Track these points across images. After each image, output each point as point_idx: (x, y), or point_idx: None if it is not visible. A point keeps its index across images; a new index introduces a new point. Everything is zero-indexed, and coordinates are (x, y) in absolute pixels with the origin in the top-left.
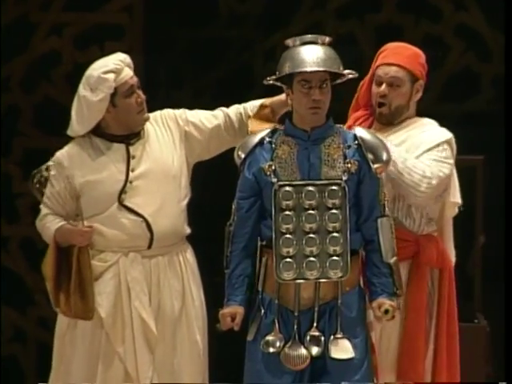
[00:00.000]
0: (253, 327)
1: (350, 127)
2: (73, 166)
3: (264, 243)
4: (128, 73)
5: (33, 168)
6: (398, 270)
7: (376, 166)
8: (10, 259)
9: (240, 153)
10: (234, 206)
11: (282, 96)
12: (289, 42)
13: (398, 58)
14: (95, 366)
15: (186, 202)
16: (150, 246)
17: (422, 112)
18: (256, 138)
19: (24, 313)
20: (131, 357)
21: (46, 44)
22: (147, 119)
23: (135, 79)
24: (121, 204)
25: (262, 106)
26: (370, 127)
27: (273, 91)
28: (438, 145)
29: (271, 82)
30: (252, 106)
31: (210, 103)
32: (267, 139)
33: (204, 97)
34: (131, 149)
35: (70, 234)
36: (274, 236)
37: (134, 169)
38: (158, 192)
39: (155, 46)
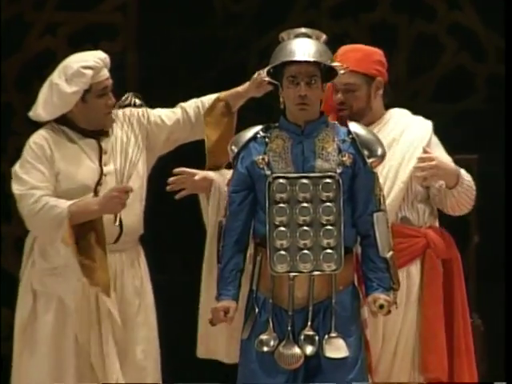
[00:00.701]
0: (247, 326)
1: None
2: (52, 148)
3: (258, 241)
4: (105, 73)
5: None
6: (395, 265)
7: (371, 160)
8: (4, 259)
9: (233, 147)
10: (226, 201)
11: (239, 88)
12: (283, 35)
13: (348, 64)
14: (62, 359)
15: (143, 204)
16: (116, 241)
17: (416, 111)
18: (250, 133)
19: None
20: (97, 350)
21: (40, 43)
22: (112, 123)
23: (110, 81)
24: (96, 196)
25: (216, 99)
26: None
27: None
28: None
29: (265, 79)
30: (209, 99)
31: None
32: (261, 134)
33: (199, 96)
34: (103, 144)
35: (104, 200)
36: (267, 228)
37: (106, 164)
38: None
39: (149, 46)
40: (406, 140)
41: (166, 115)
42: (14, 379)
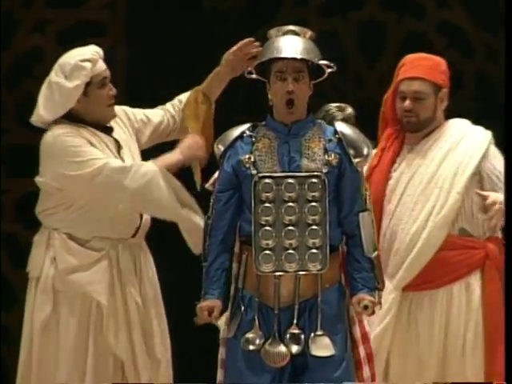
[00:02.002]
0: (233, 325)
1: (382, 149)
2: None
3: (243, 239)
4: (102, 65)
5: (16, 164)
6: (380, 265)
7: (357, 160)
8: None
9: (220, 146)
10: (212, 199)
11: (213, 74)
12: (271, 32)
13: (420, 71)
14: (83, 359)
15: None
16: (135, 235)
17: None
18: (236, 132)
19: (8, 311)
20: (128, 347)
21: (28, 41)
22: (115, 116)
23: (108, 72)
24: None
25: (192, 92)
26: (402, 142)
27: (255, 85)
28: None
29: (253, 76)
30: (187, 94)
31: None
32: (247, 133)
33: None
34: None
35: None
36: (253, 228)
37: (123, 159)
38: None
39: (138, 43)
40: (461, 149)
41: (150, 113)
42: (33, 379)
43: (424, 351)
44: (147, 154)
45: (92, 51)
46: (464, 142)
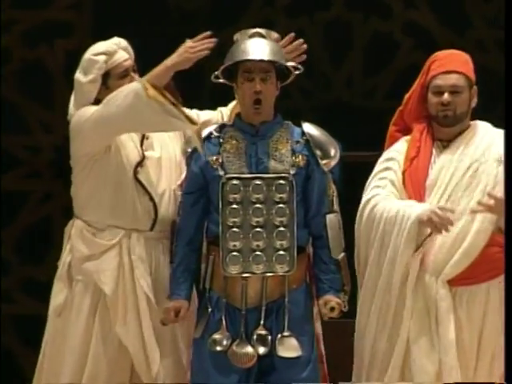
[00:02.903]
0: (200, 325)
1: (418, 141)
2: None
3: (211, 240)
4: (122, 55)
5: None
6: (346, 267)
7: (324, 161)
8: None
9: (187, 147)
10: (179, 200)
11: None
12: (237, 35)
13: (457, 65)
14: (87, 345)
15: (179, 195)
16: (152, 229)
17: (372, 109)
18: (203, 133)
19: None
20: (137, 338)
21: None
22: None
23: (130, 62)
24: (135, 177)
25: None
26: (432, 138)
27: (221, 87)
28: None
29: (220, 80)
30: (229, 107)
31: None
32: (215, 134)
33: None
34: None
35: (176, 53)
36: (220, 229)
37: (147, 149)
38: (165, 176)
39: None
40: (497, 149)
41: (202, 112)
42: (45, 364)
43: (460, 350)
44: None
45: (110, 43)
46: (497, 143)
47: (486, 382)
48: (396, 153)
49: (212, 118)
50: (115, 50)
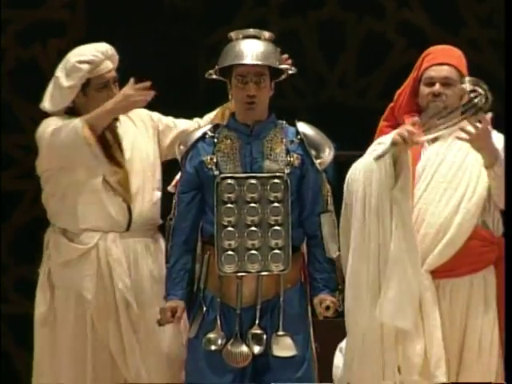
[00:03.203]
0: (194, 325)
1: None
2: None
3: (206, 240)
4: (106, 66)
5: None
6: (341, 266)
7: (319, 161)
8: None
9: (181, 147)
10: (174, 200)
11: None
12: (232, 35)
13: (449, 59)
14: (83, 352)
15: (159, 193)
16: (128, 229)
17: (365, 108)
18: (198, 133)
19: None
20: (116, 340)
21: None
22: (117, 117)
23: (113, 74)
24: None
25: (222, 107)
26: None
27: (215, 86)
28: None
29: (213, 76)
30: (207, 118)
31: (153, 99)
32: (209, 134)
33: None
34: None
35: (118, 98)
36: (215, 228)
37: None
38: (138, 177)
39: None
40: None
41: (179, 121)
42: (36, 373)
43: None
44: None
45: (95, 51)
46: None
47: (486, 382)
48: (388, 137)
49: (189, 127)
50: (101, 60)
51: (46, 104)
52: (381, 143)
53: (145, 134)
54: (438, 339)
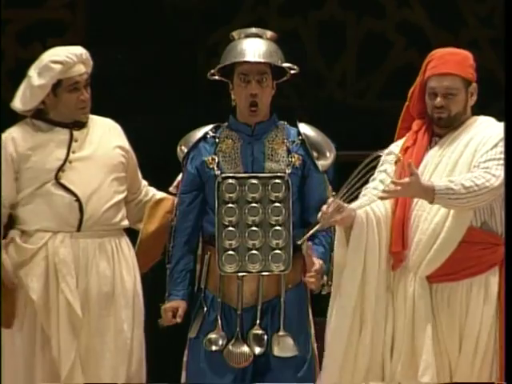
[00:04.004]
0: (195, 325)
1: (416, 132)
2: (16, 145)
3: (206, 240)
4: (79, 69)
5: None
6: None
7: (320, 162)
8: None
9: (183, 147)
10: (176, 201)
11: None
12: (234, 34)
13: (450, 67)
14: (31, 351)
15: (122, 196)
16: (79, 229)
17: (364, 109)
18: (199, 133)
19: None
20: (55, 340)
21: None
22: (87, 118)
23: (85, 77)
24: (57, 181)
25: (166, 198)
26: (431, 134)
27: (216, 87)
28: (501, 139)
29: (215, 77)
30: (162, 194)
31: (154, 99)
32: (211, 134)
33: (148, 93)
34: (75, 133)
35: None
36: (216, 228)
37: (75, 151)
38: (96, 177)
39: (98, 43)
40: (479, 138)
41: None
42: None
43: (441, 347)
44: None
45: (69, 53)
46: (483, 133)
47: (486, 382)
48: (396, 146)
49: (140, 184)
50: (74, 62)
51: (17, 103)
52: (389, 153)
53: (113, 138)
54: (428, 346)
